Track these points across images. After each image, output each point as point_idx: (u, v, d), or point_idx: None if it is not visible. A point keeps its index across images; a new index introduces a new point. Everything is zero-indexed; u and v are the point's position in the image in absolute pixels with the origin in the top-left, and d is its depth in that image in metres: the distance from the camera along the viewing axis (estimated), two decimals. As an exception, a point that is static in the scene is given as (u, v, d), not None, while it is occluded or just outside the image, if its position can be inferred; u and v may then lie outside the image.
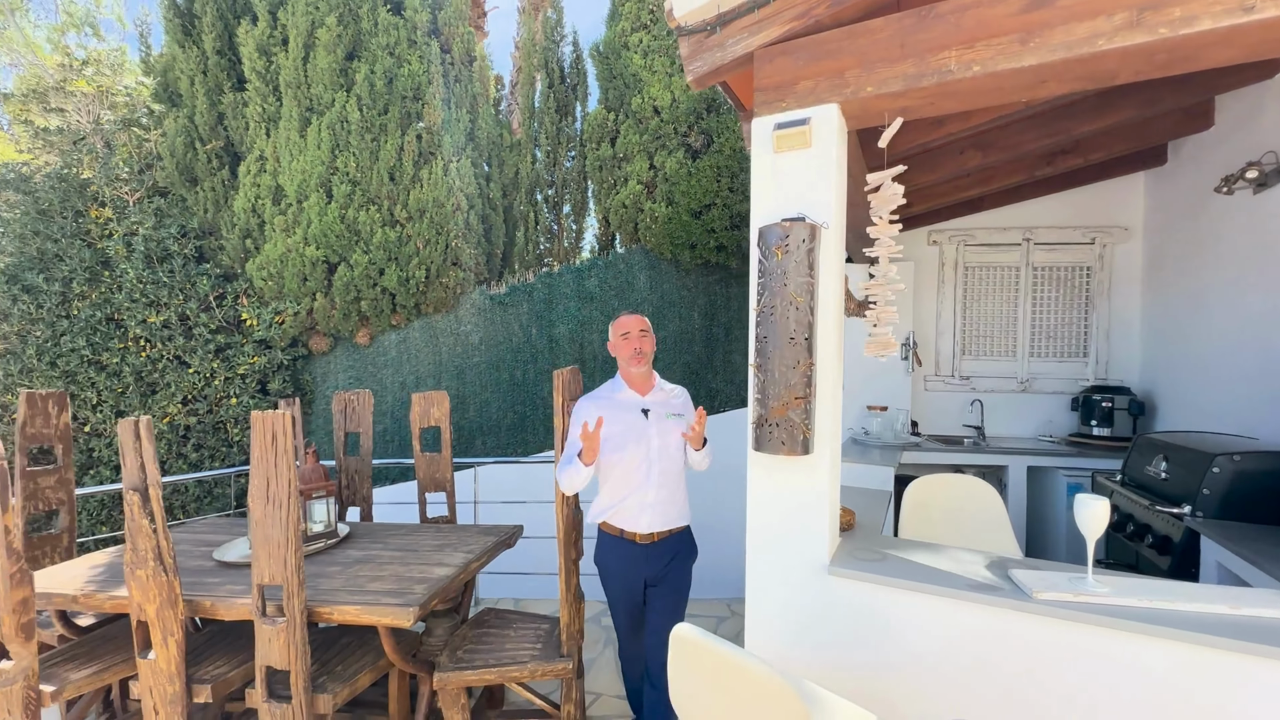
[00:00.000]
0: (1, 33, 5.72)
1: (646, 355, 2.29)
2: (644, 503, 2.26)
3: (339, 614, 2.37)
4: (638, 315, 2.35)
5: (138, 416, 2.44)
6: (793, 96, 1.84)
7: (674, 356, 5.56)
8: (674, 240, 5.21)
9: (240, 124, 5.17)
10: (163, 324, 4.95)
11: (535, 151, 6.01)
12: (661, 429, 2.28)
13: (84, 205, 5.04)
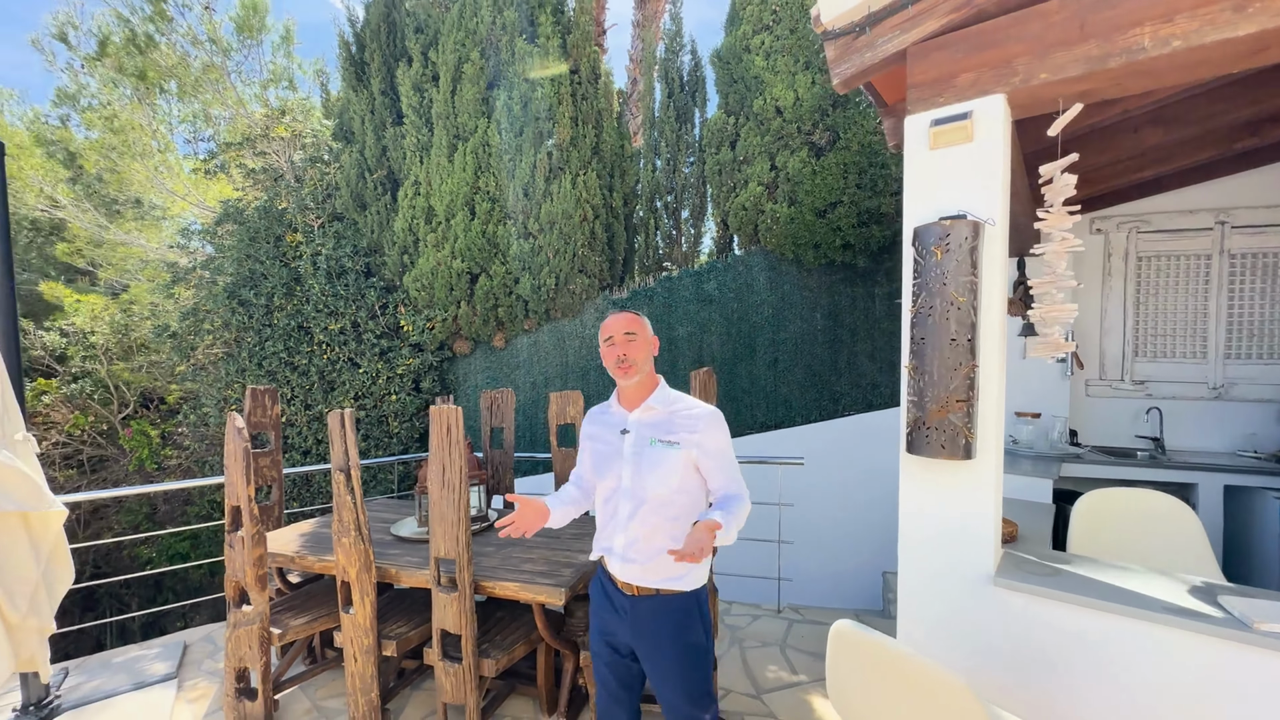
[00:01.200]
0: (222, 93, 6.97)
1: (634, 364, 1.76)
2: (612, 545, 1.79)
3: (500, 589, 2.65)
4: (628, 314, 1.82)
5: (344, 409, 2.89)
6: (951, 91, 1.79)
7: (794, 359, 5.47)
8: (796, 241, 5.13)
9: (399, 154, 5.88)
10: (339, 330, 5.76)
11: (655, 160, 6.21)
12: (639, 458, 1.75)
13: (282, 231, 6.01)
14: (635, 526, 1.74)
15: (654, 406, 1.80)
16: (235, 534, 2.97)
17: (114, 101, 6.89)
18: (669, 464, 1.71)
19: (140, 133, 6.91)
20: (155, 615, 6.93)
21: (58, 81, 7.93)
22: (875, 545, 4.82)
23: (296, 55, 7.27)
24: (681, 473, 1.71)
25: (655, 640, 1.74)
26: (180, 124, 7.66)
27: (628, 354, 1.76)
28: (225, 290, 5.98)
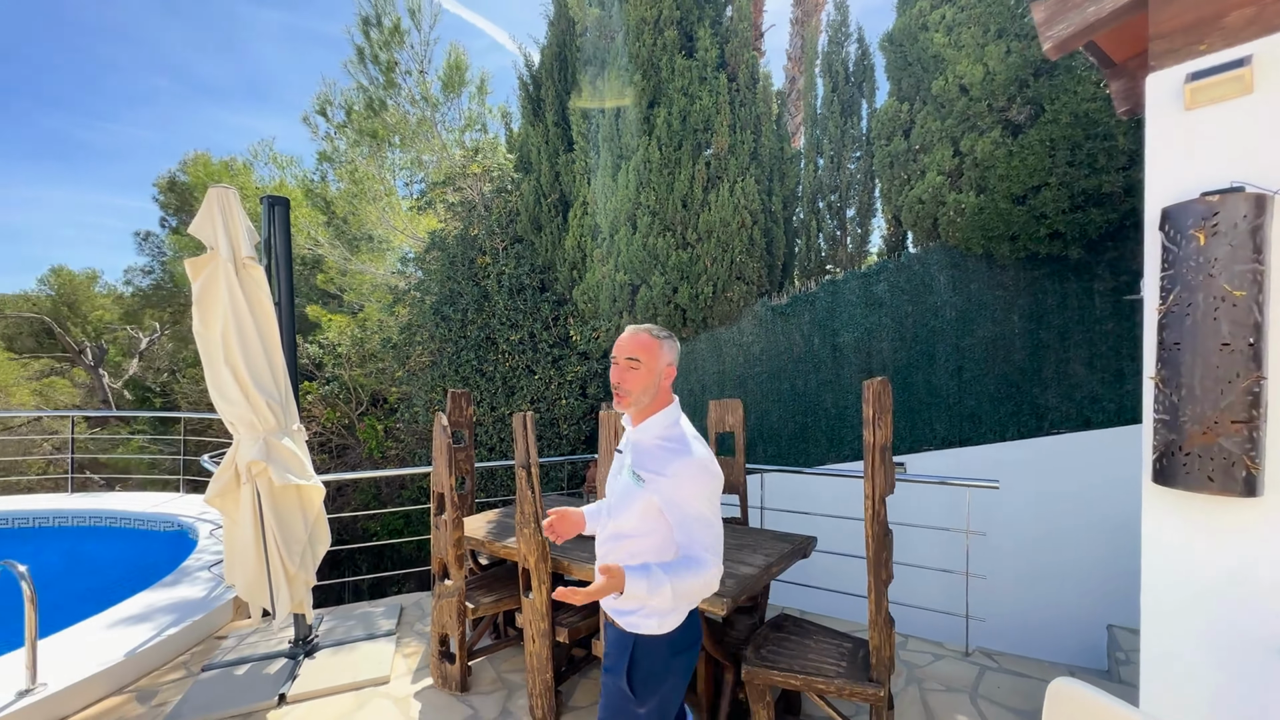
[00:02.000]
0: (431, 141, 8.23)
1: (628, 395, 1.58)
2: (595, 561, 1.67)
3: (663, 592, 2.72)
4: (642, 335, 1.60)
5: (525, 412, 3.21)
6: (1218, 34, 1.44)
7: (983, 367, 4.81)
8: (986, 233, 4.52)
9: (570, 178, 6.40)
10: (519, 341, 6.42)
11: (817, 159, 5.95)
12: (614, 480, 1.69)
13: (474, 255, 6.88)
14: (604, 550, 1.66)
15: (650, 429, 1.62)
16: (439, 517, 3.45)
17: (355, 158, 8.54)
18: (631, 498, 1.56)
19: (372, 181, 8.46)
20: (379, 579, 8.31)
21: (319, 147, 10.08)
22: (1095, 589, 4.03)
23: (488, 103, 8.36)
24: (641, 512, 1.54)
25: (609, 660, 1.68)
26: (400, 170, 9.22)
27: (623, 383, 1.59)
28: (431, 308, 7.01)
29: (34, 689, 3.09)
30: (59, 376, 15.68)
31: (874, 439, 2.46)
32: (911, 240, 5.27)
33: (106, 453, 11.52)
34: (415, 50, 8.10)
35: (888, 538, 2.54)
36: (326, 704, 3.31)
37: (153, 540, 6.29)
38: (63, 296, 16.40)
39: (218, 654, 3.79)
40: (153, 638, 3.70)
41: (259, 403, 3.49)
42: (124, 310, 15.66)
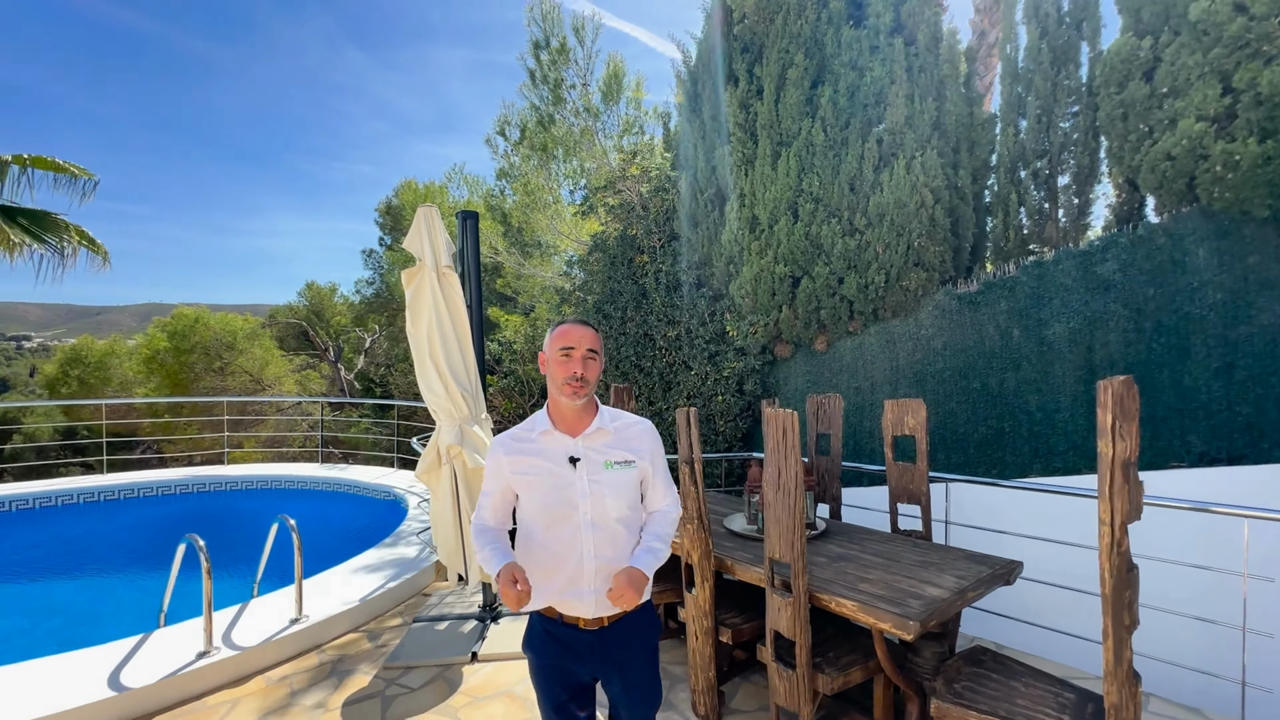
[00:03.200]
0: (592, 149, 8.70)
1: (588, 385, 1.64)
2: (580, 584, 1.65)
3: (837, 605, 2.52)
4: (587, 327, 1.69)
5: (690, 408, 3.21)
6: None
7: (1267, 364, 3.72)
8: (1275, 189, 3.48)
9: (726, 171, 6.30)
10: (675, 337, 6.49)
11: (1018, 120, 5.09)
12: (597, 486, 1.65)
13: (633, 254, 7.12)
14: (605, 553, 1.66)
15: (604, 429, 1.70)
16: (606, 506, 3.62)
17: (527, 171, 9.35)
18: (627, 484, 1.69)
19: (542, 191, 9.20)
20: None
21: (498, 165, 11.26)
22: None
23: (644, 105, 8.61)
24: (636, 491, 1.72)
25: (629, 654, 1.72)
26: (565, 179, 9.89)
27: (585, 374, 1.64)
28: (593, 306, 7.41)
29: (301, 619, 3.86)
30: (312, 370, 19.64)
31: (1113, 452, 2.00)
32: (1153, 207, 4.25)
33: (343, 432, 14.12)
34: (579, 65, 8.61)
35: (1132, 574, 2.06)
36: (510, 666, 3.64)
37: (374, 506, 7.54)
38: (313, 306, 20.48)
39: (424, 609, 4.39)
40: (378, 588, 4.41)
41: (455, 393, 3.96)
42: (354, 315, 19.07)
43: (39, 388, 26.02)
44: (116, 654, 3.37)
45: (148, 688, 3.11)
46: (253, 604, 4.06)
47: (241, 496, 7.78)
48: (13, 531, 6.59)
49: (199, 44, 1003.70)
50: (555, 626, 1.70)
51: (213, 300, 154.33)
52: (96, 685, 3.07)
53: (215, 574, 3.96)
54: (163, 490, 7.51)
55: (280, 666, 3.59)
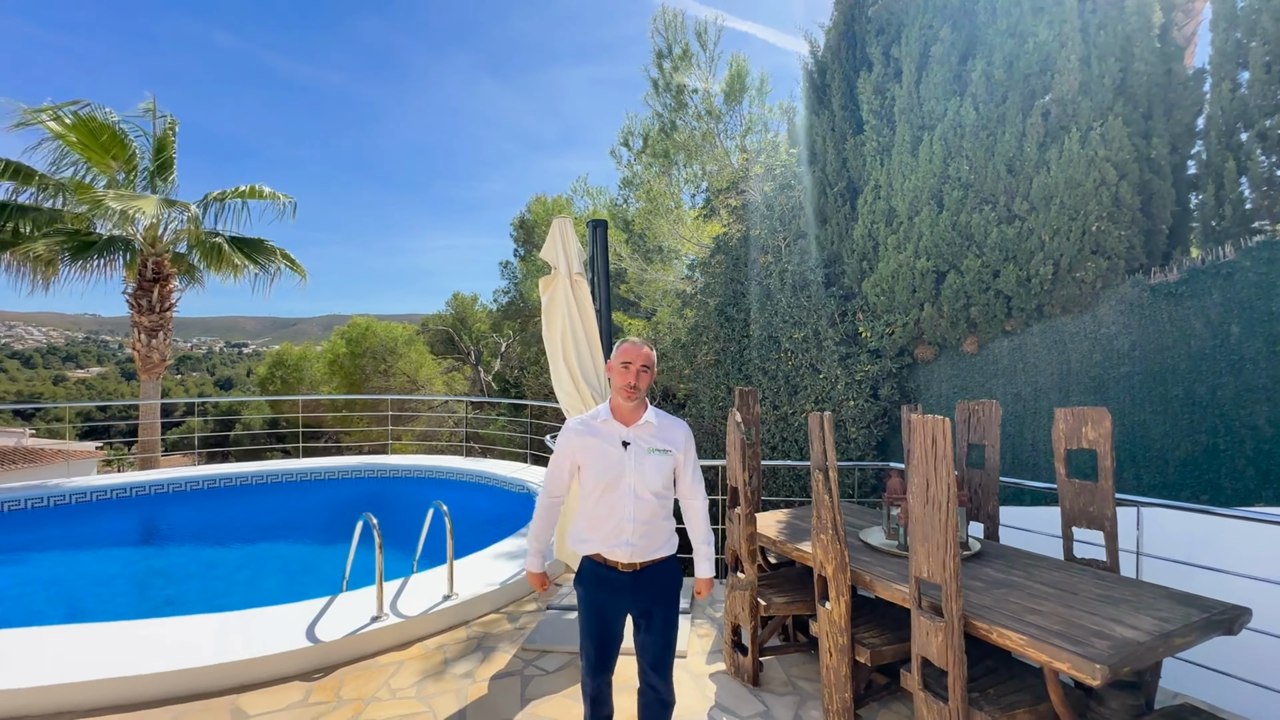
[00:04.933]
0: (713, 151, 8.67)
1: (640, 391, 2.25)
2: (621, 537, 2.22)
3: (999, 636, 2.24)
4: (644, 346, 2.30)
5: (823, 412, 3.05)
6: None
7: None
8: None
9: (859, 162, 5.93)
10: (802, 339, 6.23)
11: (1237, 74, 4.18)
12: (640, 464, 2.24)
13: (756, 255, 6.96)
14: (642, 516, 2.22)
15: (650, 422, 2.28)
16: (734, 510, 3.54)
17: (649, 178, 9.55)
18: (664, 468, 2.25)
19: (664, 197, 9.34)
20: (669, 559, 9.05)
21: (622, 175, 11.65)
22: None
23: (767, 103, 8.41)
24: (670, 475, 2.28)
25: (659, 594, 2.27)
26: (686, 183, 9.96)
27: (638, 383, 2.23)
28: (715, 309, 7.36)
29: (452, 595, 4.26)
30: (457, 371, 21.73)
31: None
32: None
33: (482, 429, 15.41)
34: (701, 69, 8.63)
35: None
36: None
37: (509, 497, 8.11)
38: (458, 314, 22.65)
39: (556, 598, 4.63)
40: (515, 575, 4.73)
41: (586, 394, 4.15)
42: (492, 322, 20.80)
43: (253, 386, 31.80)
44: (311, 611, 3.95)
45: (334, 642, 3.61)
46: (413, 579, 4.55)
47: (400, 483, 8.79)
48: (236, 503, 8.04)
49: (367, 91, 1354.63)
50: (601, 569, 2.27)
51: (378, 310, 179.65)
52: (297, 636, 3.63)
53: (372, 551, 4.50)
54: (341, 474, 8.72)
55: (436, 636, 3.98)
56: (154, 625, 3.74)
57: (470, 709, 3.19)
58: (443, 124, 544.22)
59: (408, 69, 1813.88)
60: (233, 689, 3.29)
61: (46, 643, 3.50)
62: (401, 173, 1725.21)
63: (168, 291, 9.70)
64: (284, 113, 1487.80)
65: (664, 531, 2.29)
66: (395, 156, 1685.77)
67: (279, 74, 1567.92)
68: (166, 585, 6.01)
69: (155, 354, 9.62)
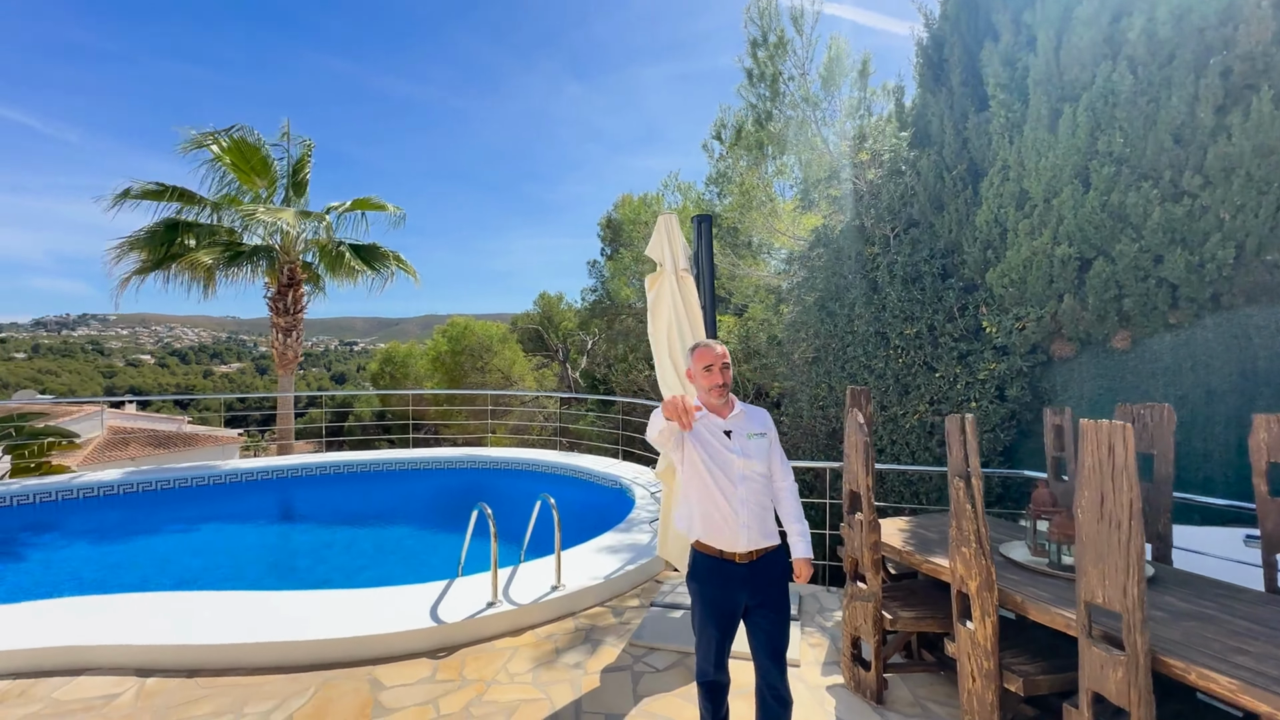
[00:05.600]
0: (810, 139, 8.31)
1: (728, 386, 2.39)
2: (738, 523, 2.27)
3: (1198, 677, 1.93)
4: (719, 344, 2.42)
5: (964, 414, 2.80)
6: None
7: None
8: None
9: (983, 142, 5.43)
10: (915, 335, 5.81)
11: None
12: (745, 449, 2.35)
13: (861, 247, 6.59)
14: (752, 501, 2.30)
15: (742, 411, 2.43)
16: (854, 516, 3.35)
17: (742, 171, 9.33)
18: (763, 450, 2.39)
19: (757, 189, 9.09)
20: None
21: (714, 170, 11.50)
22: None
23: (870, 85, 7.92)
24: (769, 453, 2.42)
25: (773, 583, 2.31)
26: (782, 174, 9.64)
27: (726, 380, 2.37)
28: (815, 304, 7.05)
29: (559, 587, 4.36)
30: (546, 368, 22.49)
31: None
32: None
33: (571, 424, 15.83)
34: (797, 55, 8.30)
35: None
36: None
37: (602, 492, 8.24)
38: (545, 312, 23.43)
39: (658, 595, 4.62)
40: (619, 570, 4.77)
41: (691, 391, 4.09)
42: (579, 320, 21.32)
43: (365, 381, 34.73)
44: (432, 593, 4.19)
45: (455, 624, 3.80)
46: (521, 568, 4.71)
47: (499, 474, 9.19)
48: (356, 487, 8.77)
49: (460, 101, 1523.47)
50: (716, 562, 2.31)
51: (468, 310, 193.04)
52: (422, 615, 3.85)
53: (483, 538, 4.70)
54: (446, 464, 9.26)
55: (545, 625, 4.09)
56: (301, 596, 4.13)
57: (585, 700, 3.24)
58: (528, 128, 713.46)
59: (496, 78, 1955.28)
60: (369, 660, 3.55)
61: (218, 606, 3.96)
62: (490, 177, 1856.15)
63: (299, 295, 10.74)
64: (386, 126, 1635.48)
65: (771, 516, 2.40)
66: (484, 162, 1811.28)
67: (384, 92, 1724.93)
68: (302, 559, 6.66)
69: (290, 351, 10.70)
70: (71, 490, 7.08)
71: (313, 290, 11.35)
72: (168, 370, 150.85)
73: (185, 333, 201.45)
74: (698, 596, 2.35)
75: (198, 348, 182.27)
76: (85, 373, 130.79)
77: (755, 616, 2.31)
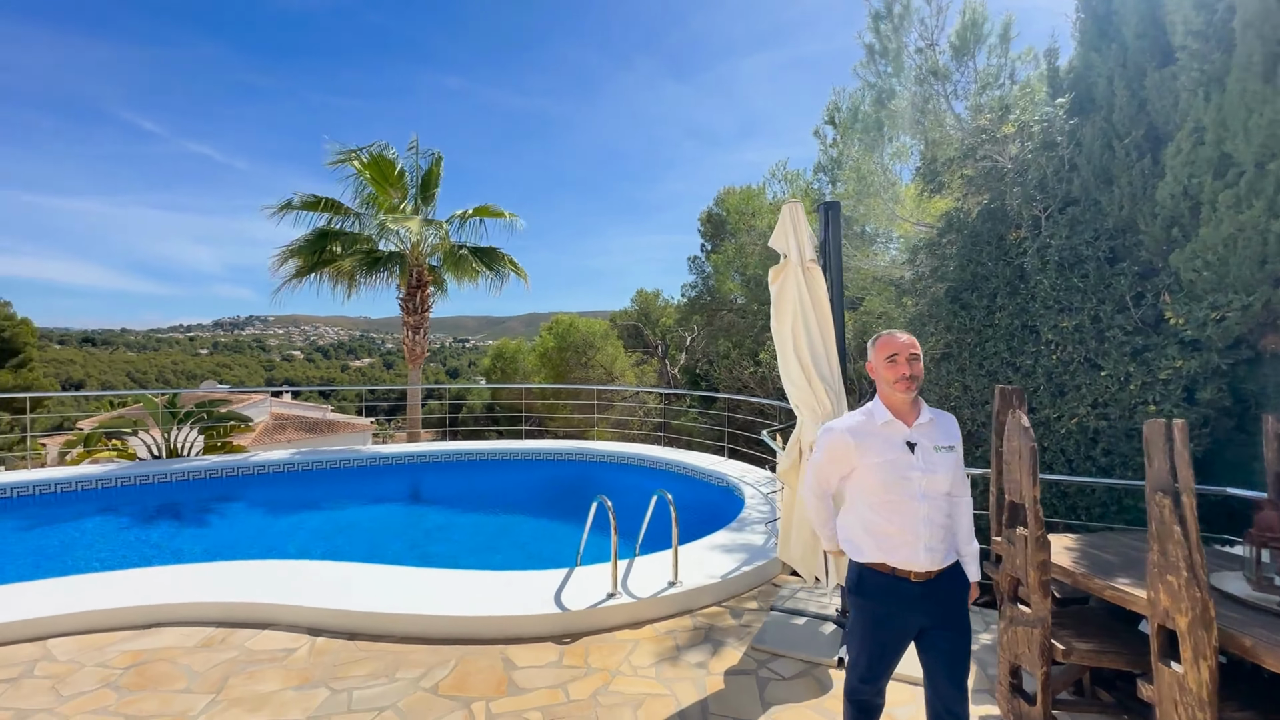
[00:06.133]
0: (939, 117, 7.60)
1: (917, 380, 2.07)
2: (919, 544, 2.03)
3: None
4: (905, 333, 2.13)
5: (1170, 419, 2.39)
6: None
7: None
8: None
9: (1166, 103, 4.65)
10: (1073, 328, 5.11)
11: None
12: (930, 465, 2.07)
13: (1004, 230, 5.92)
14: (936, 519, 2.06)
15: (932, 420, 2.15)
16: (1013, 530, 2.98)
17: (858, 156, 8.75)
18: (952, 464, 2.12)
19: (875, 175, 8.48)
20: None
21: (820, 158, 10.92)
22: None
23: (1011, 51, 7.09)
24: (958, 470, 2.15)
25: (953, 604, 2.11)
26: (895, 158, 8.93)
27: (915, 373, 2.07)
28: (946, 295, 6.44)
29: (676, 583, 4.33)
30: (645, 364, 22.73)
31: None
32: None
33: (673, 419, 15.86)
34: (925, 25, 7.62)
35: None
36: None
37: (709, 490, 8.12)
38: (642, 309, 23.66)
39: (777, 599, 4.44)
40: (735, 570, 4.65)
41: (819, 389, 3.87)
42: (679, 316, 21.29)
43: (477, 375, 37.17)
44: (555, 580, 4.33)
45: (578, 612, 3.89)
46: (637, 561, 4.74)
47: (606, 467, 9.38)
48: (475, 474, 9.34)
49: (559, 108, 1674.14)
50: (888, 580, 2.08)
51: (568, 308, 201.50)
52: (547, 601, 3.98)
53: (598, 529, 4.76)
54: (555, 456, 9.60)
55: (664, 621, 4.07)
56: (437, 574, 4.43)
57: (711, 701, 3.17)
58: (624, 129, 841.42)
59: (595, 83, 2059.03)
60: (501, 639, 3.72)
61: (370, 576, 4.35)
62: (588, 179, 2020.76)
63: (426, 296, 11.65)
64: (495, 136, 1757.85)
65: (952, 534, 2.16)
66: (582, 164, 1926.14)
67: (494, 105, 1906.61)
68: (431, 537, 7.20)
69: (418, 347, 11.64)
70: (249, 467, 8.17)
71: (437, 291, 12.26)
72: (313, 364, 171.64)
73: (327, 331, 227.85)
74: (863, 612, 2.17)
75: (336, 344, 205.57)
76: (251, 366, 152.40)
77: (933, 637, 2.10)
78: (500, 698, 3.11)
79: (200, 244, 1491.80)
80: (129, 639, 3.59)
